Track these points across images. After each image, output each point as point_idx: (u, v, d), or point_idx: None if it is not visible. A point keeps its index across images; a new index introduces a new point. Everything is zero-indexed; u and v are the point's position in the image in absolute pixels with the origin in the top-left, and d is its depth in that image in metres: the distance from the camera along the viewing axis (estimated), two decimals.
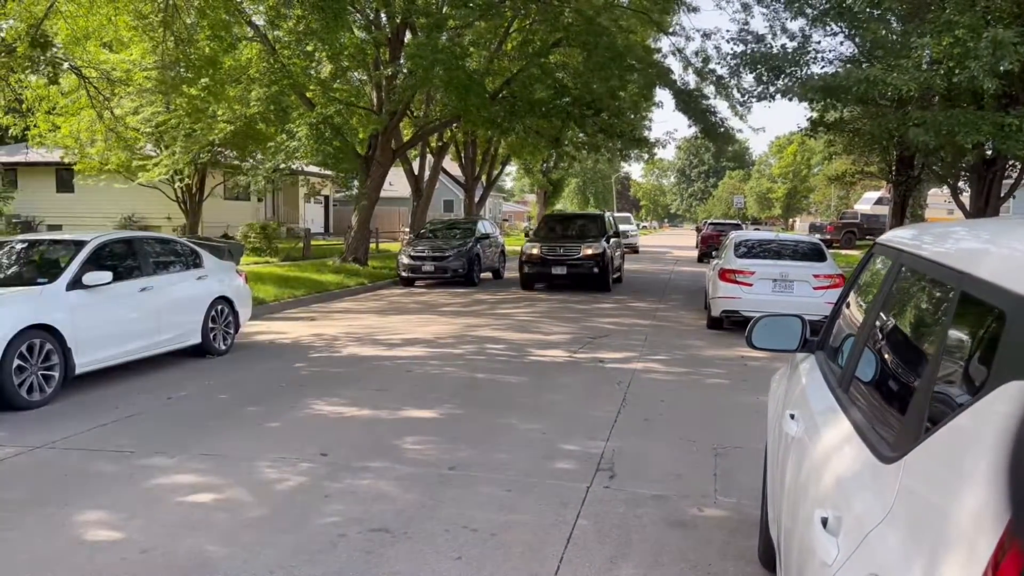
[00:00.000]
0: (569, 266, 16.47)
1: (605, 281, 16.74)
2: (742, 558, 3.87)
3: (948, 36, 11.74)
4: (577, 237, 17.53)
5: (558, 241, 17.24)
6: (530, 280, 17.17)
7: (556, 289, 17.19)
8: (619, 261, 18.78)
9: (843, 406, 2.22)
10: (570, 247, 16.72)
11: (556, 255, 16.72)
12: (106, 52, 16.44)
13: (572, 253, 16.58)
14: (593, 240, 16.95)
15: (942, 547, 1.20)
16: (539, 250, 16.85)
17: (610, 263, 16.82)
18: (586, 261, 16.48)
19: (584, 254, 16.51)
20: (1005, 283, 1.39)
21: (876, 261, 2.78)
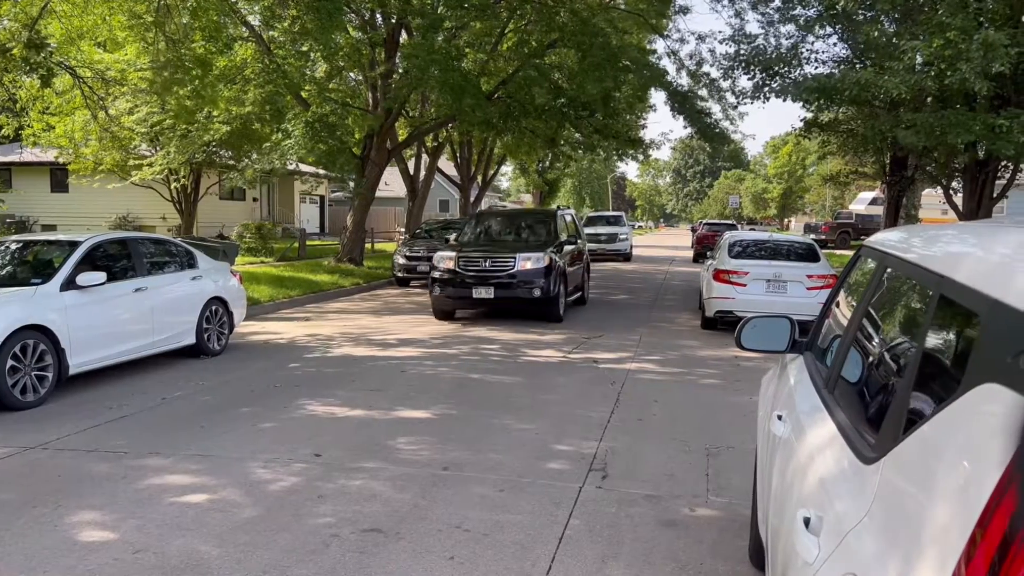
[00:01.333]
0: (498, 286, 11.66)
1: (552, 307, 11.94)
2: (733, 558, 3.89)
3: (939, 38, 11.79)
4: (513, 244, 12.97)
5: (485, 250, 12.35)
6: (444, 307, 12.37)
7: (495, 317, 12.65)
8: (580, 277, 14.05)
9: (828, 407, 2.25)
10: (500, 259, 11.83)
11: (478, 270, 11.82)
12: (100, 52, 16.41)
13: (502, 267, 11.74)
14: (536, 249, 12.13)
15: (916, 547, 1.23)
16: (455, 263, 11.87)
17: (560, 281, 12.07)
18: (523, 279, 11.63)
19: (522, 268, 11.62)
20: (979, 287, 1.42)
21: (863, 263, 2.81)
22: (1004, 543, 1.00)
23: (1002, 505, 1.03)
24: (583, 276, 14.31)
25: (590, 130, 21.02)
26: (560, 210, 14.61)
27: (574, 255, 13.47)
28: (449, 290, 11.99)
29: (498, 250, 12.28)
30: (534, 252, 11.94)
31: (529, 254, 11.86)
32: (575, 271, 13.45)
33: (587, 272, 14.84)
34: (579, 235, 14.87)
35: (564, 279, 12.33)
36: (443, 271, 12.03)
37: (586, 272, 14.66)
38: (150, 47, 14.23)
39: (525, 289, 11.68)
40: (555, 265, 11.90)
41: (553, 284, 11.78)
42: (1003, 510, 1.03)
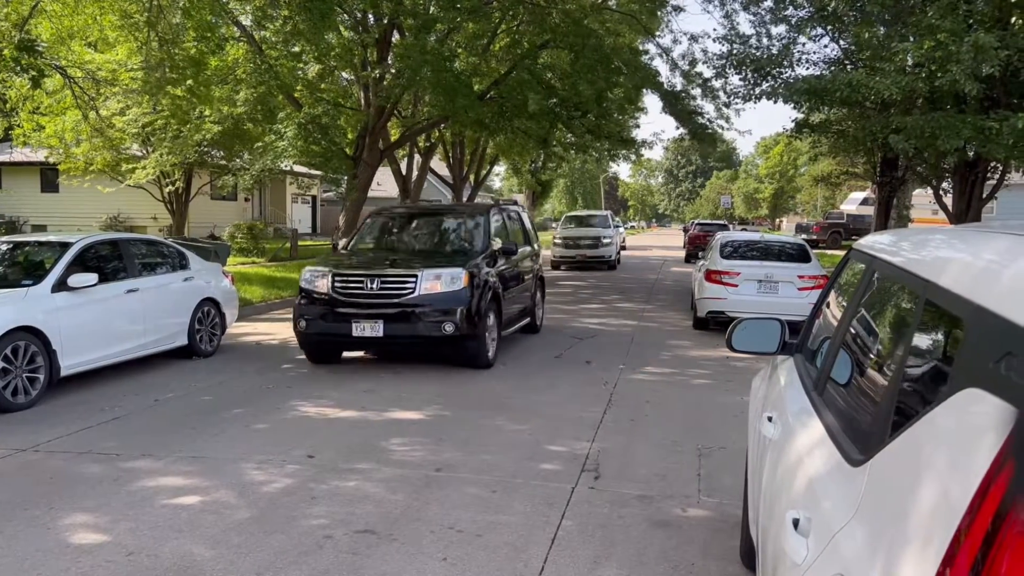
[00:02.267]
0: (390, 318, 8.11)
1: (473, 348, 8.38)
2: (724, 558, 3.92)
3: (930, 40, 11.86)
4: (421, 256, 9.28)
5: (373, 265, 8.74)
6: (312, 348, 8.78)
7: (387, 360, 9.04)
8: (528, 297, 10.61)
9: (817, 409, 2.28)
10: (394, 278, 8.28)
11: (361, 295, 8.25)
12: (91, 52, 16.35)
13: (397, 290, 8.19)
14: (450, 262, 8.63)
15: (901, 547, 1.25)
16: (328, 283, 8.39)
17: (489, 309, 8.57)
18: (427, 308, 8.15)
19: (427, 291, 8.14)
20: (963, 292, 1.45)
21: (852, 266, 2.84)
22: (986, 543, 1.03)
23: (983, 506, 1.06)
24: (534, 296, 10.81)
25: (582, 130, 21.05)
26: (498, 207, 11.03)
27: (518, 269, 10.01)
28: (318, 325, 8.29)
29: (393, 265, 8.62)
30: (446, 267, 8.33)
31: (439, 270, 8.23)
32: (519, 291, 10.01)
33: (541, 291, 11.32)
34: (529, 240, 11.32)
35: (497, 305, 8.79)
36: (311, 296, 8.42)
37: (539, 291, 11.17)
38: (142, 47, 14.17)
39: (431, 323, 8.05)
40: (480, 285, 8.35)
41: (476, 314, 8.18)
42: (985, 511, 1.05)
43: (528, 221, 12.05)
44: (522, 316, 10.32)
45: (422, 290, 8.11)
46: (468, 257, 8.80)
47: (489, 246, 9.24)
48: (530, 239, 11.49)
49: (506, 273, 9.48)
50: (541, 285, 11.46)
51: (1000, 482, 1.04)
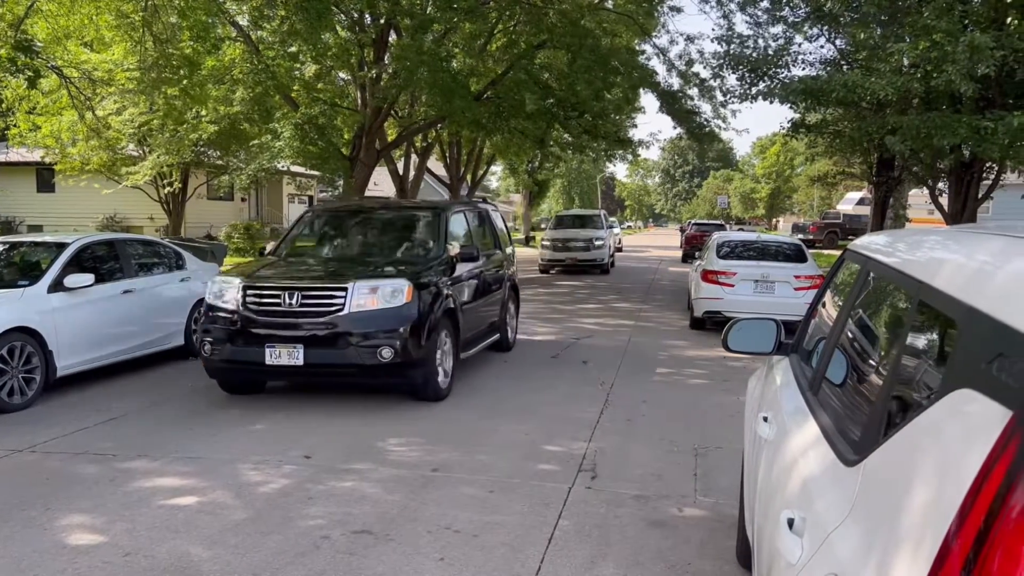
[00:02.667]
0: (313, 342, 6.64)
1: (421, 376, 6.88)
2: (720, 558, 3.93)
3: (926, 40, 11.90)
4: (358, 263, 7.75)
5: (293, 275, 7.31)
6: (221, 374, 7.19)
7: None
8: (498, 311, 9.24)
9: (812, 409, 2.29)
10: (318, 291, 6.77)
11: (278, 312, 6.74)
12: (87, 52, 16.33)
13: (322, 306, 6.71)
14: (387, 272, 7.16)
15: (894, 547, 1.26)
16: (238, 298, 6.85)
17: (442, 328, 7.16)
18: (359, 329, 6.64)
19: (359, 308, 6.67)
20: (956, 293, 1.46)
21: (847, 266, 2.85)
22: (978, 542, 1.04)
23: (976, 505, 1.06)
24: (504, 308, 9.39)
25: (579, 131, 21.07)
26: (460, 204, 9.69)
27: (482, 278, 8.54)
28: (224, 349, 6.75)
29: (320, 275, 7.26)
30: (386, 278, 6.84)
31: (376, 281, 6.72)
32: (484, 303, 8.60)
33: (514, 302, 9.93)
34: (499, 243, 9.80)
35: (453, 322, 7.36)
36: (218, 313, 6.84)
37: (512, 302, 9.75)
38: (138, 47, 14.16)
39: (364, 348, 6.49)
40: (430, 298, 6.89)
41: (423, 334, 6.68)
42: (977, 510, 1.06)
43: (500, 220, 10.33)
44: (490, 332, 8.87)
45: (354, 306, 6.56)
46: (416, 265, 7.30)
47: (445, 251, 7.72)
48: (500, 242, 9.89)
49: (467, 283, 8.02)
50: (515, 295, 9.98)
51: (992, 482, 1.05)
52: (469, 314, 7.97)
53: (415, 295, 6.73)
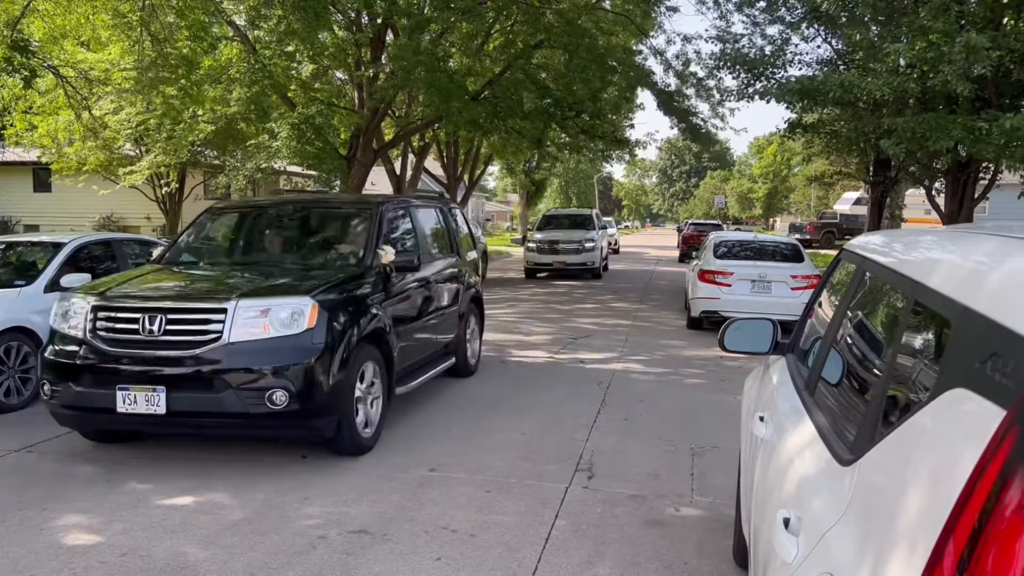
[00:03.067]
0: (175, 383, 4.97)
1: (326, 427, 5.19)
2: (717, 557, 3.94)
3: (922, 41, 11.92)
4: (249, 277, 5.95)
5: (164, 291, 5.68)
6: (68, 421, 5.43)
7: None
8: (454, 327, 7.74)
9: (808, 408, 2.29)
10: (188, 315, 5.11)
11: (135, 340, 5.08)
12: (83, 51, 16.30)
13: (190, 334, 5.05)
14: (285, 288, 5.47)
15: (889, 547, 1.26)
16: (86, 321, 5.21)
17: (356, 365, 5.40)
18: (239, 366, 4.96)
19: (240, 338, 4.99)
20: (950, 293, 1.46)
21: (843, 267, 2.86)
22: (972, 541, 1.04)
23: (970, 504, 1.07)
24: (462, 325, 7.86)
25: (576, 131, 21.07)
26: (400, 202, 7.36)
27: (429, 291, 7.04)
28: (66, 392, 5.19)
29: (192, 292, 5.63)
30: (281, 295, 5.27)
31: (266, 301, 5.16)
32: (432, 322, 7.08)
33: (477, 317, 8.52)
34: (456, 248, 8.15)
35: (383, 352, 5.82)
36: (62, 343, 5.32)
37: (473, 317, 8.32)
38: (135, 46, 14.13)
39: (248, 391, 4.94)
40: (345, 322, 5.33)
41: (335, 371, 5.14)
42: (971, 509, 1.06)
43: (461, 221, 8.75)
44: (442, 356, 7.41)
45: (236, 334, 4.88)
46: (329, 277, 5.63)
47: (376, 259, 6.05)
48: (458, 247, 8.21)
49: (406, 298, 6.44)
50: (477, 310, 8.54)
51: (986, 481, 1.05)
52: (409, 337, 6.40)
53: (322, 317, 5.07)
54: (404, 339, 6.29)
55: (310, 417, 5.08)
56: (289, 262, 6.46)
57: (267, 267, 6.31)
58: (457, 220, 8.65)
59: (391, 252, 6.21)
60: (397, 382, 6.18)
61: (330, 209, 7.52)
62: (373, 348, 5.69)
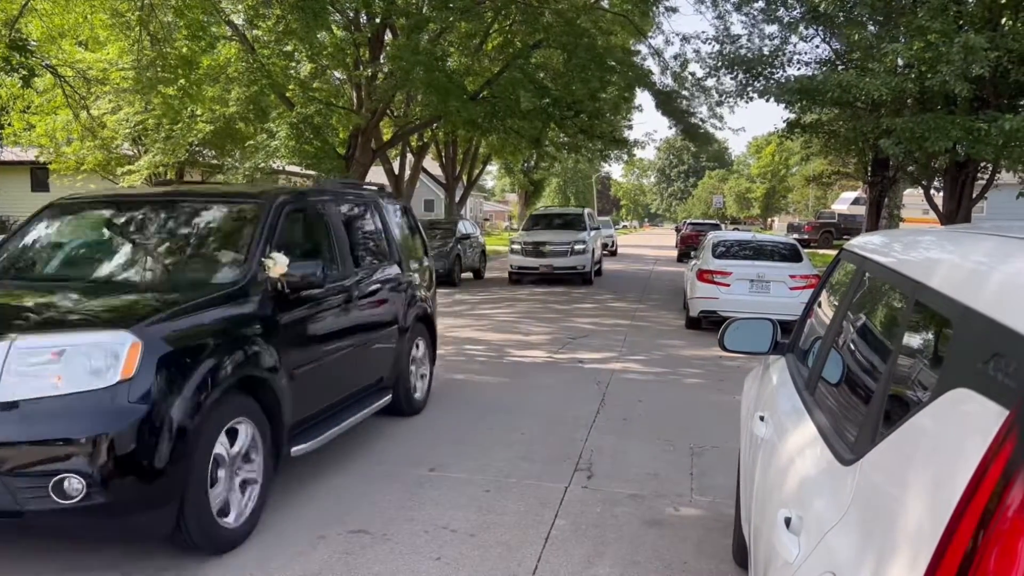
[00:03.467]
0: None
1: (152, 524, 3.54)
2: (716, 556, 3.94)
3: (920, 41, 11.93)
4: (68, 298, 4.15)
5: None
6: None
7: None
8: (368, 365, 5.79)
9: (808, 408, 2.30)
10: None
11: None
12: (82, 51, 16.29)
13: None
14: (96, 315, 3.82)
15: (891, 546, 1.27)
16: None
17: (200, 433, 3.59)
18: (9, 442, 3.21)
19: (15, 397, 3.25)
20: (952, 293, 1.47)
21: (843, 267, 2.86)
22: (974, 540, 1.04)
23: (972, 504, 1.07)
24: (403, 353, 6.30)
25: (575, 130, 21.08)
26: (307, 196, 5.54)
27: (355, 312, 5.55)
28: None
29: None
30: (80, 330, 3.61)
31: (58, 337, 3.49)
32: (354, 354, 5.51)
33: (426, 338, 6.90)
34: (397, 256, 6.47)
35: (269, 400, 4.28)
36: None
37: (421, 338, 6.77)
38: (133, 46, 14.12)
39: (26, 477, 3.25)
40: (189, 365, 3.66)
41: (170, 441, 3.46)
42: (973, 509, 1.07)
43: (398, 218, 6.84)
44: (374, 393, 5.81)
45: (8, 390, 3.32)
46: (176, 301, 3.95)
47: (261, 271, 4.43)
48: (397, 252, 6.44)
49: (310, 324, 4.82)
50: (427, 331, 6.93)
51: (988, 480, 1.06)
52: (313, 378, 4.74)
53: (148, 361, 3.46)
54: (305, 381, 4.59)
55: (128, 512, 3.42)
56: (129, 278, 4.56)
57: (92, 286, 4.41)
58: (396, 219, 6.79)
59: (283, 262, 4.41)
60: (295, 438, 4.53)
61: (204, 204, 5.23)
62: (248, 399, 4.07)
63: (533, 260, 18.48)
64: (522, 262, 18.64)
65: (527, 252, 18.62)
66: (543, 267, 18.45)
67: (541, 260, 18.46)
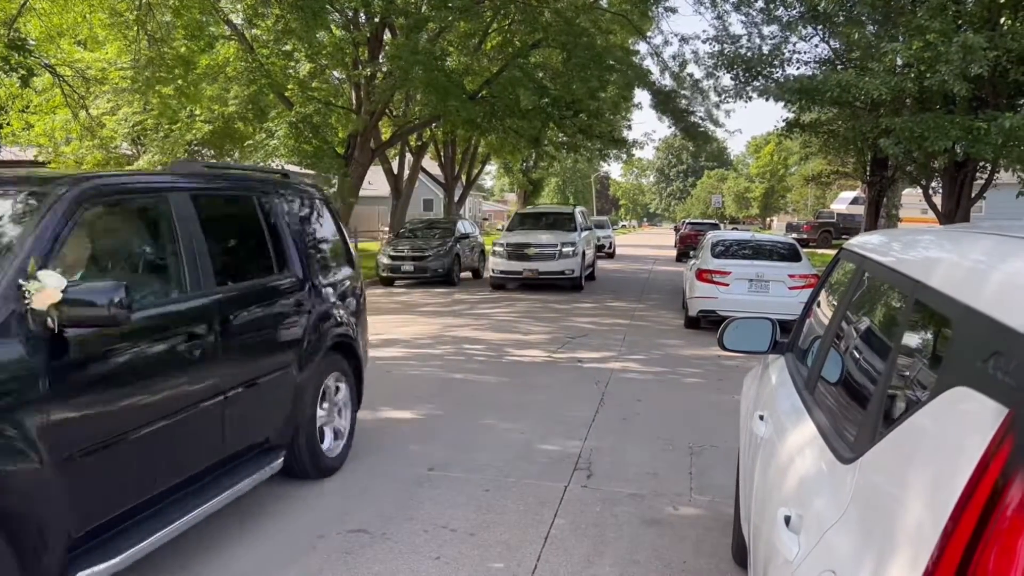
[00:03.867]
0: None
1: None
2: (716, 555, 3.95)
3: (919, 40, 11.94)
4: None
5: None
6: None
7: None
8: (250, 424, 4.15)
9: (808, 407, 2.30)
10: None
11: None
12: (80, 50, 16.29)
13: None
14: None
15: (890, 544, 1.27)
16: None
17: None
18: None
19: None
20: (952, 292, 1.47)
21: (842, 266, 2.86)
22: (974, 539, 1.05)
23: (972, 502, 1.07)
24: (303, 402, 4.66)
25: (574, 130, 21.09)
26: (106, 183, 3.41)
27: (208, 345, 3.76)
28: None
29: None
30: None
31: None
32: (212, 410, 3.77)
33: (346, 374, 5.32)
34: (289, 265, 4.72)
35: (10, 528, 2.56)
36: None
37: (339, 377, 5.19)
38: (131, 45, 14.12)
39: None
40: None
41: None
42: (973, 507, 1.07)
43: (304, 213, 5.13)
44: (256, 458, 4.27)
45: None
46: None
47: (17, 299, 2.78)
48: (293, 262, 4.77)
49: (112, 374, 3.19)
50: (349, 364, 5.36)
51: (988, 479, 1.06)
52: (120, 459, 3.24)
53: None
54: (100, 466, 3.11)
55: None
56: None
57: None
58: (301, 213, 5.07)
59: (54, 286, 2.82)
60: (82, 557, 2.97)
61: None
62: None
63: (517, 264, 16.54)
64: (504, 266, 16.62)
65: (510, 255, 16.59)
66: (527, 271, 16.46)
67: (525, 264, 16.47)
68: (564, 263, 16.46)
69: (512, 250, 16.54)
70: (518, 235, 17.11)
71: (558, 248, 16.49)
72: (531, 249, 16.47)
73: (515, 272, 16.61)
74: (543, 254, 16.47)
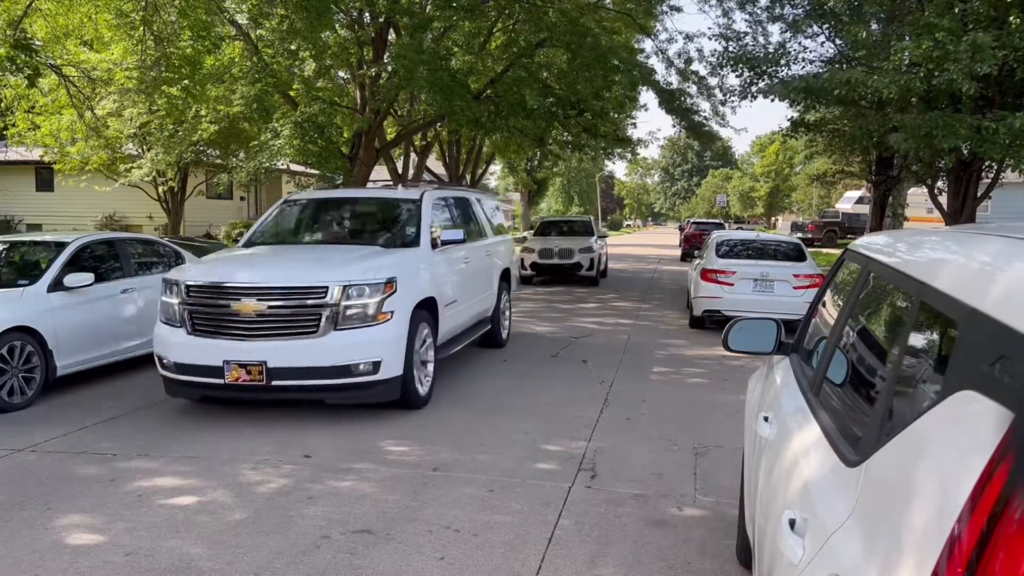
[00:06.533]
0: None
1: None
2: (720, 556, 3.94)
3: (928, 39, 11.90)
4: None
5: None
6: None
7: None
8: None
9: (813, 409, 2.29)
10: None
11: None
12: (86, 51, 16.32)
13: None
14: None
15: (896, 548, 1.26)
16: None
17: None
18: None
19: None
20: (958, 294, 1.46)
21: (847, 266, 2.85)
22: (981, 543, 1.04)
23: (979, 507, 1.07)
24: None
25: (579, 129, 21.05)
26: None
27: None
28: None
29: None
30: None
31: None
32: None
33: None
34: None
35: None
36: None
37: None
38: (137, 46, 14.15)
39: None
40: None
41: None
42: (980, 512, 1.06)
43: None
44: None
45: None
46: None
47: None
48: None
49: None
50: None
51: (995, 483, 1.05)
52: None
53: None
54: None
55: None
56: None
57: None
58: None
59: None
60: None
61: None
62: None
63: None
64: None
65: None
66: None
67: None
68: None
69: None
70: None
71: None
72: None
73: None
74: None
